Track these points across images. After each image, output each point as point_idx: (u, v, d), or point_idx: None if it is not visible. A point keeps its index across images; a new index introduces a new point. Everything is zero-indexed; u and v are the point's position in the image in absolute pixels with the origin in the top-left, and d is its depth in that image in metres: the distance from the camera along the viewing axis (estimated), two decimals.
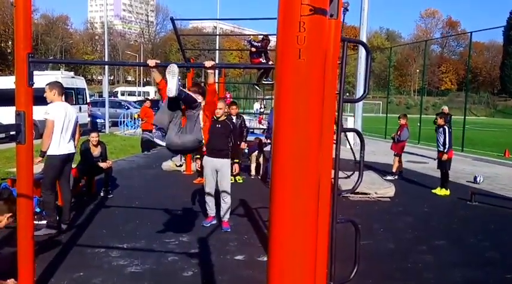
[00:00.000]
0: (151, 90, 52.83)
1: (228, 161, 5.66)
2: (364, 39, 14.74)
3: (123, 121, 20.38)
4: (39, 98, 3.96)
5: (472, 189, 8.21)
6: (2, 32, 65.92)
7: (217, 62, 34.58)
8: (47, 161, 5.10)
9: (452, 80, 75.50)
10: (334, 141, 2.33)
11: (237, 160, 5.86)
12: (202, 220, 5.83)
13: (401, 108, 52.81)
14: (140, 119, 15.78)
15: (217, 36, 36.86)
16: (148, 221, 5.80)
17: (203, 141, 3.62)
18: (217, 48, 37.86)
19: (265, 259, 4.52)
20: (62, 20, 74.70)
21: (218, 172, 5.63)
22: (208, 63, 3.51)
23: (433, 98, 62.97)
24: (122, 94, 47.19)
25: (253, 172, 9.52)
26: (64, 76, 17.11)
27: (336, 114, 2.39)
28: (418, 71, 68.14)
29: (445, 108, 13.44)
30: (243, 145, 8.78)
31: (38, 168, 5.08)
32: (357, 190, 6.66)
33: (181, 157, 10.80)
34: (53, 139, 5.07)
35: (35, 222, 4.30)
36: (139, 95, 48.18)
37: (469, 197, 7.57)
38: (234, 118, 8.21)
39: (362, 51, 13.36)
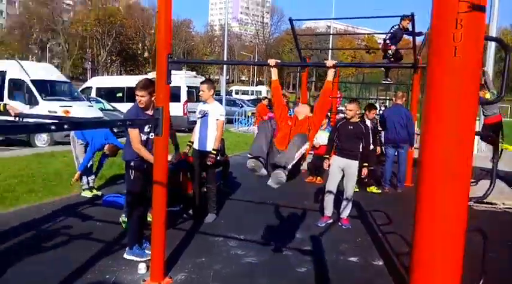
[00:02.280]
0: (264, 89, 54.17)
1: (356, 163, 5.60)
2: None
3: (238, 119, 21.23)
4: None
5: None
6: (133, 35, 72.61)
7: (329, 58, 34.22)
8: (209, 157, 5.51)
9: None
10: None
11: (366, 164, 5.66)
12: (315, 219, 5.87)
13: None
14: (255, 117, 16.34)
15: (331, 35, 36.40)
16: (263, 215, 6.00)
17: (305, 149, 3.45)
18: (330, 47, 37.59)
19: (381, 263, 4.44)
20: (186, 24, 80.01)
21: (344, 172, 5.63)
22: (329, 63, 3.56)
23: None
24: (236, 93, 49.07)
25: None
26: (188, 76, 18.37)
27: None
28: None
29: None
30: (378, 150, 8.13)
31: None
32: (483, 200, 6.16)
33: None
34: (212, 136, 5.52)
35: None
36: (252, 94, 49.75)
37: None
38: (369, 121, 7.53)
39: (491, 50, 12.28)
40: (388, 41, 8.26)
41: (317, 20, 73.03)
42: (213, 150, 5.50)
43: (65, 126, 2.87)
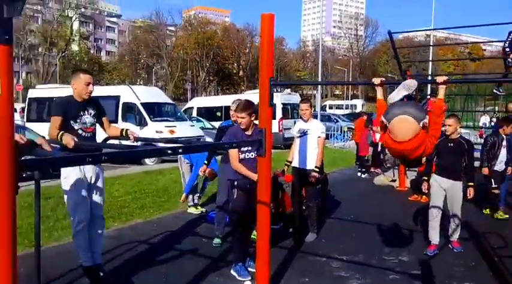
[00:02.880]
0: (359, 103, 53.06)
1: (459, 183, 5.23)
2: None
3: (333, 134, 21.01)
4: None
5: None
6: (229, 56, 75.76)
7: (429, 72, 32.67)
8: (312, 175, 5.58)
9: None
10: None
11: (471, 183, 5.22)
12: (421, 241, 5.58)
13: None
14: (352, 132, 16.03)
15: (431, 47, 34.69)
16: (365, 235, 5.85)
17: None
18: (430, 57, 35.78)
19: None
20: (279, 41, 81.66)
21: (447, 193, 5.25)
22: (440, 79, 3.37)
23: None
24: (330, 108, 48.65)
25: None
26: (282, 93, 18.68)
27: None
28: None
29: None
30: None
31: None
32: None
33: (393, 172, 10.57)
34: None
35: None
36: (346, 108, 48.97)
37: None
38: (504, 138, 6.91)
39: None
40: (507, 49, 7.57)
41: (415, 32, 70.17)
42: (316, 167, 5.53)
43: (179, 151, 3.10)
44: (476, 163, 6.08)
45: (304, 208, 6.05)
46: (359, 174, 11.45)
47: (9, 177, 1.88)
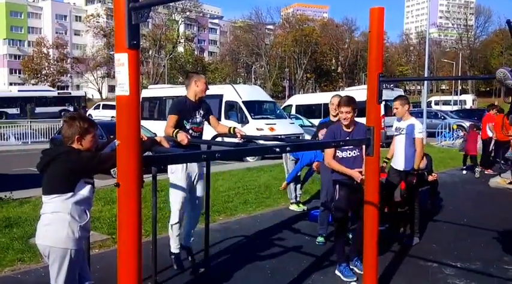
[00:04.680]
0: (469, 99, 49.25)
1: None
2: None
3: (441, 132, 19.72)
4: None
5: None
6: (327, 52, 74.88)
7: None
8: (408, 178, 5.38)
9: None
10: None
11: None
12: None
13: None
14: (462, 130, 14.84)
15: None
16: (481, 242, 5.39)
17: None
18: None
19: None
20: None
21: None
22: None
23: None
24: (436, 104, 45.78)
25: None
26: (384, 89, 17.96)
27: None
28: None
29: None
30: None
31: None
32: None
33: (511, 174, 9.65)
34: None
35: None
36: (454, 104, 45.72)
37: None
38: None
39: None
40: None
41: None
42: (414, 170, 5.21)
43: (287, 149, 3.11)
44: None
45: (402, 210, 5.79)
46: (464, 172, 11.20)
47: (137, 171, 2.03)
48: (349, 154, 4.30)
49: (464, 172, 11.11)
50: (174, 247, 4.37)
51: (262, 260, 4.75)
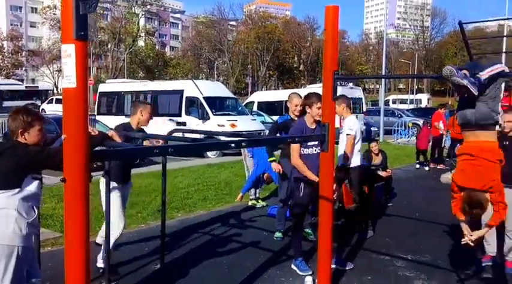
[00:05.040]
0: (424, 98, 50.92)
1: None
2: None
3: (397, 130, 20.32)
4: None
5: None
6: (290, 49, 75.47)
7: (503, 63, 30.51)
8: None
9: None
10: None
11: None
12: None
13: None
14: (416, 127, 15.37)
15: (505, 37, 32.45)
16: (431, 235, 5.60)
17: None
18: (504, 49, 33.51)
19: None
20: (341, 34, 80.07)
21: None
22: None
23: None
24: (393, 103, 47.11)
25: None
26: (345, 87, 18.31)
27: None
28: None
29: None
30: None
31: None
32: None
33: None
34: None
35: None
36: (411, 103, 47.19)
37: None
38: None
39: None
40: None
41: (487, 22, 65.97)
42: (342, 165, 5.26)
43: (243, 144, 3.11)
44: None
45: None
46: (417, 166, 11.69)
47: (83, 166, 1.98)
48: (314, 151, 4.35)
49: (417, 166, 11.60)
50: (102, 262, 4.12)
51: (220, 256, 4.75)
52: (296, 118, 5.04)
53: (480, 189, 2.60)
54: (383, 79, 23.31)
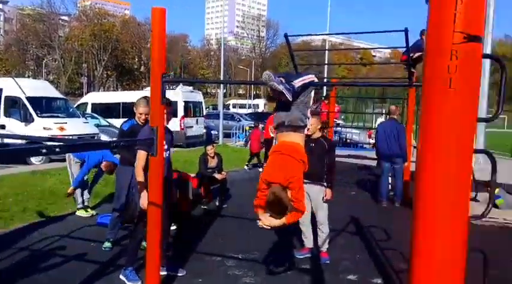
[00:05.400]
0: (261, 103, 54.28)
1: (322, 188, 4.88)
2: (489, 49, 13.60)
3: (235, 133, 21.22)
4: None
5: None
6: (129, 50, 72.97)
7: (325, 75, 34.45)
8: None
9: None
10: None
11: (330, 185, 4.92)
12: (313, 237, 5.80)
13: None
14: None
15: (327, 51, 36.60)
16: (261, 233, 5.90)
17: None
18: (326, 61, 37.72)
19: (380, 281, 4.38)
20: (183, 38, 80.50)
21: (310, 198, 4.79)
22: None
23: None
24: (234, 107, 49.18)
25: None
26: (184, 91, 18.39)
27: None
28: None
29: None
30: None
31: None
32: (482, 218, 6.12)
33: None
34: None
35: None
36: (249, 108, 49.85)
37: None
38: None
39: (486, 63, 12.31)
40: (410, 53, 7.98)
41: (312, 36, 73.42)
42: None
43: (57, 150, 2.83)
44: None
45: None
46: (246, 167, 12.45)
47: None
48: (165, 155, 4.18)
49: (246, 168, 12.35)
50: None
51: (39, 273, 4.29)
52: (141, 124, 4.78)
53: (282, 183, 2.79)
54: (221, 84, 24.11)
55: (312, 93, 3.38)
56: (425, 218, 1.28)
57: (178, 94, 17.27)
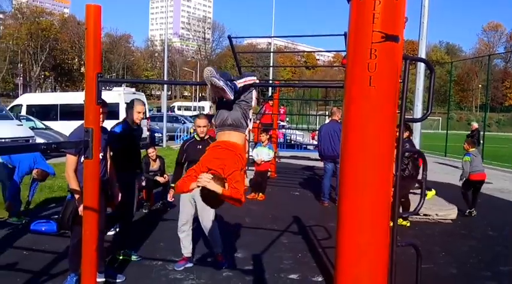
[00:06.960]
0: (206, 105, 54.03)
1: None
2: (423, 54, 14.30)
3: (180, 136, 20.94)
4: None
5: None
6: (69, 50, 70.16)
7: (271, 77, 34.93)
8: None
9: None
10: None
11: None
12: (256, 236, 5.83)
13: (463, 124, 50.76)
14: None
15: (272, 53, 37.08)
16: (203, 236, 5.84)
17: None
18: (271, 64, 38.25)
19: (320, 279, 4.46)
20: (125, 38, 78.46)
21: (196, 201, 4.62)
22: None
23: (496, 114, 60.22)
24: (179, 109, 48.59)
25: None
26: (126, 92, 17.89)
27: (397, 133, 2.33)
28: (480, 86, 65.37)
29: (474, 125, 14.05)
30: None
31: None
32: (414, 214, 6.41)
33: None
34: None
35: None
36: (194, 110, 49.43)
37: None
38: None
39: (421, 67, 12.96)
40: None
41: (258, 39, 74.28)
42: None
43: None
44: None
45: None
46: None
47: None
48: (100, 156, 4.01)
49: None
50: None
51: None
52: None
53: (217, 170, 2.74)
54: (165, 86, 23.74)
55: (254, 95, 3.39)
56: (348, 212, 1.30)
57: (120, 96, 16.80)
